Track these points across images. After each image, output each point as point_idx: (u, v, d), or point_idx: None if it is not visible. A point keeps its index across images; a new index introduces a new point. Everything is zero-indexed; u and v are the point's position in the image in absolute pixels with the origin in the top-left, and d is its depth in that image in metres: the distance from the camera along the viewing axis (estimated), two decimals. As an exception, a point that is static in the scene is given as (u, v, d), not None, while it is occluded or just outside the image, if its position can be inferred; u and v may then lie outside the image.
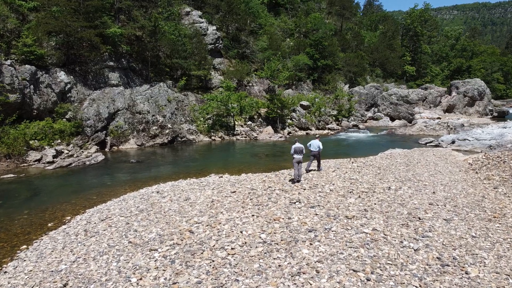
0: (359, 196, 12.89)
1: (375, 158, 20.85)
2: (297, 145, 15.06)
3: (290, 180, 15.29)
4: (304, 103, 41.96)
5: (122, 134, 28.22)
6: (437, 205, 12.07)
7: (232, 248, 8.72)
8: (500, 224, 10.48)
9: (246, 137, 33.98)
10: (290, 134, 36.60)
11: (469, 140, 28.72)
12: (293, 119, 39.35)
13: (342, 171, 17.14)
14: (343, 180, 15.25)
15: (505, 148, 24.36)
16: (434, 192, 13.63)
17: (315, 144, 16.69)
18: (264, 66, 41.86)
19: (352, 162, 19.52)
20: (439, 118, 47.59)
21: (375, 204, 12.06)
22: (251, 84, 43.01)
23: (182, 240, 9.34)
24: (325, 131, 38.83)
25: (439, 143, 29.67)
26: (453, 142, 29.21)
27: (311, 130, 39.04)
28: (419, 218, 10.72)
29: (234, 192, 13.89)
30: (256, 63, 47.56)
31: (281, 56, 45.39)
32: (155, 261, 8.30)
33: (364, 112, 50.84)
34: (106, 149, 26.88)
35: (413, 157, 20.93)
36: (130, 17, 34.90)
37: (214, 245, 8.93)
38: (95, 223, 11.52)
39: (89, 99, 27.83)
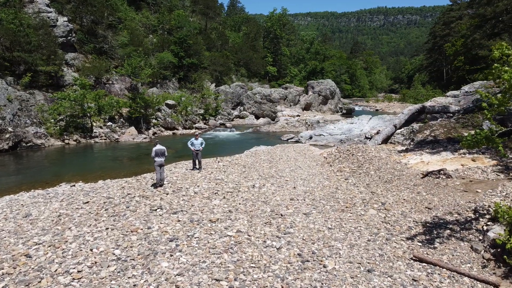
0: (224, 197, 12.61)
1: (240, 156, 21.03)
2: (158, 147, 14.13)
3: (152, 185, 14.24)
4: (170, 102, 40.66)
5: None
6: (298, 200, 12.49)
7: (78, 271, 7.51)
8: (351, 213, 11.26)
9: (106, 139, 31.22)
10: (156, 135, 35.01)
11: (324, 136, 31.39)
12: (159, 119, 37.74)
13: (208, 171, 16.77)
14: (208, 181, 14.85)
15: (353, 141, 27.19)
16: (294, 187, 14.13)
17: (189, 142, 16.98)
18: (125, 62, 39.20)
19: (218, 162, 19.31)
20: (298, 115, 51.30)
21: (239, 204, 11.90)
22: (111, 82, 39.79)
23: (15, 268, 7.68)
24: (193, 130, 38.21)
25: (299, 139, 31.73)
26: (310, 137, 31.54)
27: (178, 129, 38.00)
28: (282, 215, 10.85)
29: (87, 202, 12.28)
30: (116, 60, 44.22)
31: (143, 53, 43.16)
32: (-27, 302, 6.59)
33: (231, 110, 51.77)
34: None
35: (275, 154, 21.70)
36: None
37: (56, 270, 7.57)
38: None
39: None
